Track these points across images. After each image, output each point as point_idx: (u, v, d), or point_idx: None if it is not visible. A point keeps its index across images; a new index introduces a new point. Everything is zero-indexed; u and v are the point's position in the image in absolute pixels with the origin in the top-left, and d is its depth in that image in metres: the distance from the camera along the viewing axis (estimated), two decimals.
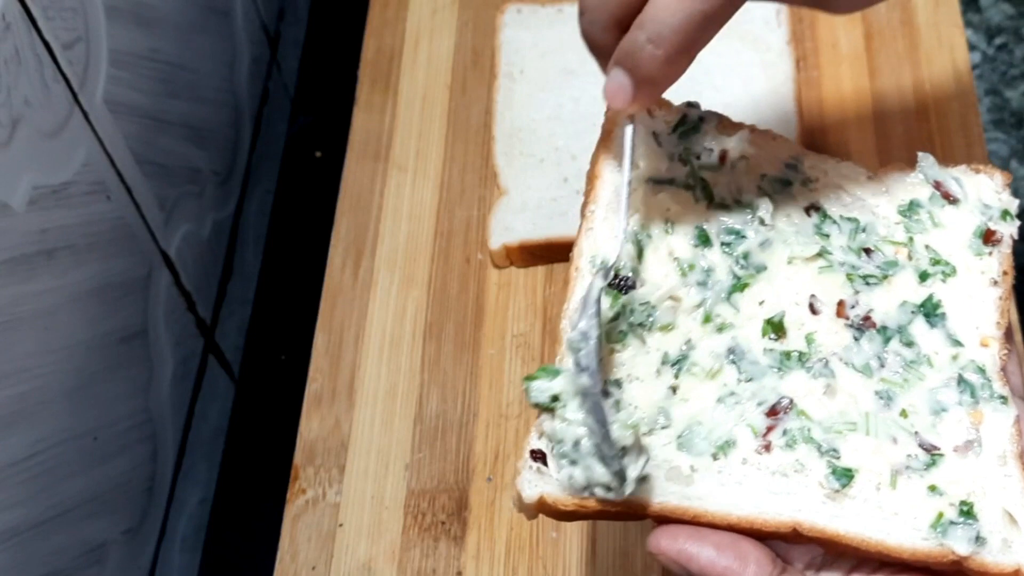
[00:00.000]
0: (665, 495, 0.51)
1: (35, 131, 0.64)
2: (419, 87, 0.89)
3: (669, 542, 0.50)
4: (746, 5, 0.85)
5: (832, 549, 0.51)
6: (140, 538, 0.78)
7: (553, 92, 0.84)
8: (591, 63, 0.85)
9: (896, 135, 0.81)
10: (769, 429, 0.53)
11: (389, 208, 0.84)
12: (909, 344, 0.55)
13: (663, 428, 0.53)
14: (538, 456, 0.52)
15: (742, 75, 0.83)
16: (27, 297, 0.64)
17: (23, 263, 0.64)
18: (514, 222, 0.79)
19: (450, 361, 0.77)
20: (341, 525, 0.72)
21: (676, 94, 0.82)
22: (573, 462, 0.51)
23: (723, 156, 0.59)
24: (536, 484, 0.51)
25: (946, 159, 0.79)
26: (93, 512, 0.72)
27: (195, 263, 0.86)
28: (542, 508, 0.52)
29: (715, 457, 0.52)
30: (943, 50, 0.84)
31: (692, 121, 0.59)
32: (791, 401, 0.53)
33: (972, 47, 1.00)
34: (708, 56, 0.84)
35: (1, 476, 0.62)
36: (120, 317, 0.75)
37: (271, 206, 0.96)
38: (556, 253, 0.77)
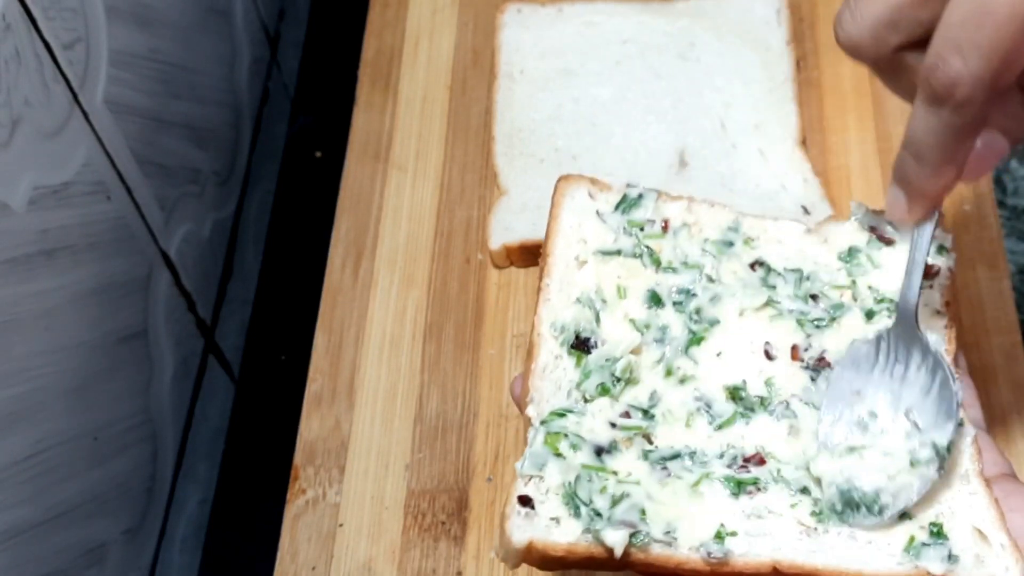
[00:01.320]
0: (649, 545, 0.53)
1: (35, 131, 0.64)
2: (419, 87, 0.89)
3: None
4: (746, 4, 0.85)
5: None
6: (140, 538, 0.78)
7: (553, 92, 0.84)
8: (591, 63, 0.86)
9: (896, 135, 0.81)
10: (741, 480, 0.55)
11: (389, 208, 0.84)
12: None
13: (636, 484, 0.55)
14: (527, 502, 0.53)
15: (742, 75, 0.83)
16: (27, 297, 0.64)
17: (23, 263, 0.64)
18: (514, 222, 0.79)
19: (450, 361, 0.77)
20: (341, 525, 0.72)
21: (676, 93, 0.82)
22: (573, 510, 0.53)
23: (665, 225, 0.62)
24: (525, 530, 0.52)
25: None
26: (93, 512, 0.72)
27: (195, 263, 0.86)
28: (528, 555, 0.53)
29: (691, 506, 0.54)
30: None
31: (632, 198, 0.62)
32: (762, 451, 0.56)
33: None
34: (708, 56, 0.84)
35: (1, 476, 0.62)
36: (120, 317, 0.75)
37: (271, 206, 0.96)
38: None
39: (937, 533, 0.52)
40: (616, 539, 0.51)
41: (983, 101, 0.47)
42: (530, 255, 0.78)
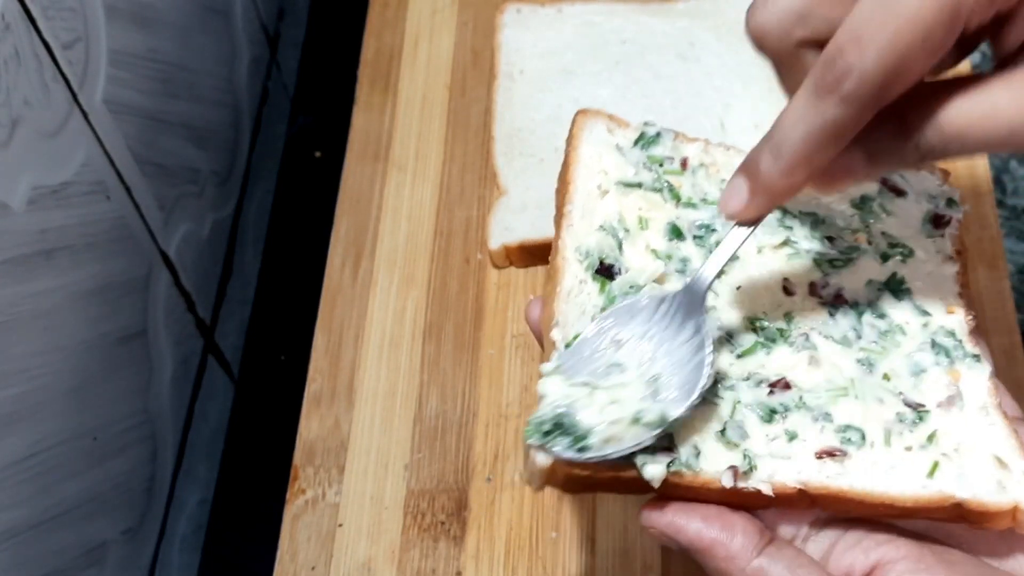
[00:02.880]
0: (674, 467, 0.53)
1: (35, 131, 0.64)
2: (419, 87, 0.89)
3: (658, 516, 0.52)
4: (745, 4, 0.85)
5: (835, 508, 0.53)
6: (140, 538, 0.78)
7: (553, 92, 0.84)
8: (591, 63, 0.86)
9: None
10: (772, 407, 0.55)
11: (389, 208, 0.84)
12: (881, 316, 0.58)
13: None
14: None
15: (742, 75, 0.83)
16: (26, 297, 0.64)
17: (22, 263, 0.64)
18: (514, 222, 0.79)
19: (450, 361, 0.77)
20: (341, 525, 0.72)
21: (676, 93, 0.82)
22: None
23: (684, 163, 0.63)
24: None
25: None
26: (93, 512, 0.72)
27: (195, 263, 0.86)
28: (552, 476, 0.52)
29: (723, 433, 0.54)
30: None
31: (650, 136, 0.64)
32: (786, 379, 0.56)
33: None
34: (707, 56, 0.84)
35: (1, 476, 0.62)
36: (120, 317, 0.75)
37: (271, 206, 0.96)
38: None
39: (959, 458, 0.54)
40: (655, 472, 0.51)
41: (867, 102, 0.47)
42: (530, 255, 0.78)
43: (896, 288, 0.59)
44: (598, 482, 0.53)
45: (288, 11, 1.08)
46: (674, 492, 0.53)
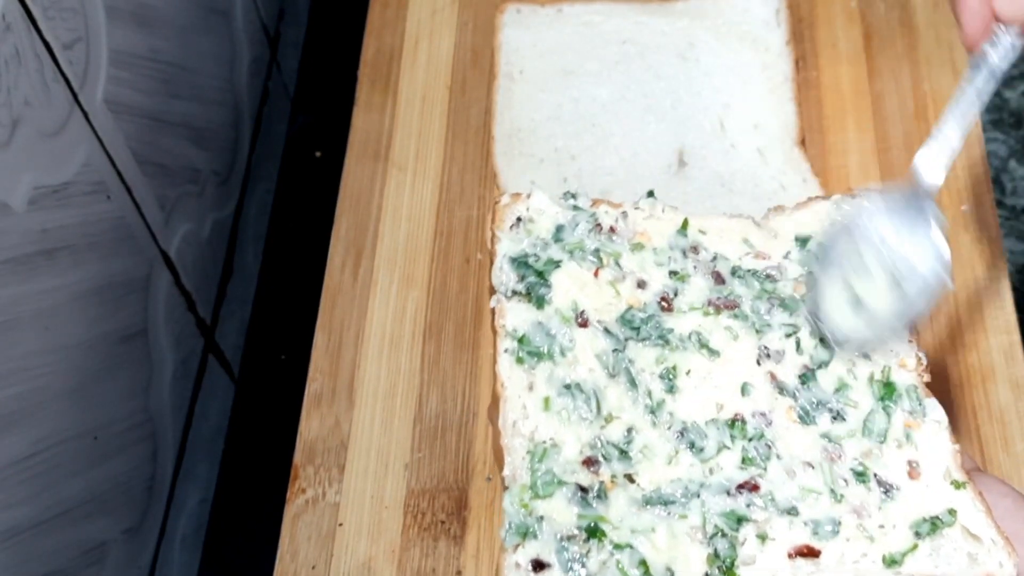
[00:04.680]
0: None
1: (35, 131, 0.64)
2: (419, 87, 0.89)
3: None
4: (745, 4, 0.86)
5: None
6: (140, 537, 0.78)
7: (553, 92, 0.85)
8: (590, 63, 0.86)
9: (895, 135, 0.81)
10: (740, 515, 0.55)
11: (389, 208, 0.84)
12: (838, 388, 0.58)
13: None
14: (541, 566, 0.53)
15: (741, 75, 0.83)
16: (27, 297, 0.64)
17: (23, 263, 0.64)
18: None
19: (450, 361, 0.77)
20: (341, 524, 0.72)
21: (676, 93, 0.83)
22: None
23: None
24: None
25: None
26: (93, 511, 0.72)
27: (195, 263, 0.86)
28: None
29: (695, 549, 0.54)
30: (942, 50, 0.84)
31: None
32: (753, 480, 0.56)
33: None
34: (707, 56, 0.84)
35: (1, 475, 0.63)
36: (120, 317, 0.75)
37: (271, 206, 0.96)
38: None
39: (930, 535, 0.53)
40: None
41: None
42: None
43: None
44: None
45: (288, 11, 1.08)
46: None
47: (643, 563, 0.52)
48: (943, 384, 0.71)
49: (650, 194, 0.63)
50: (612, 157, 0.81)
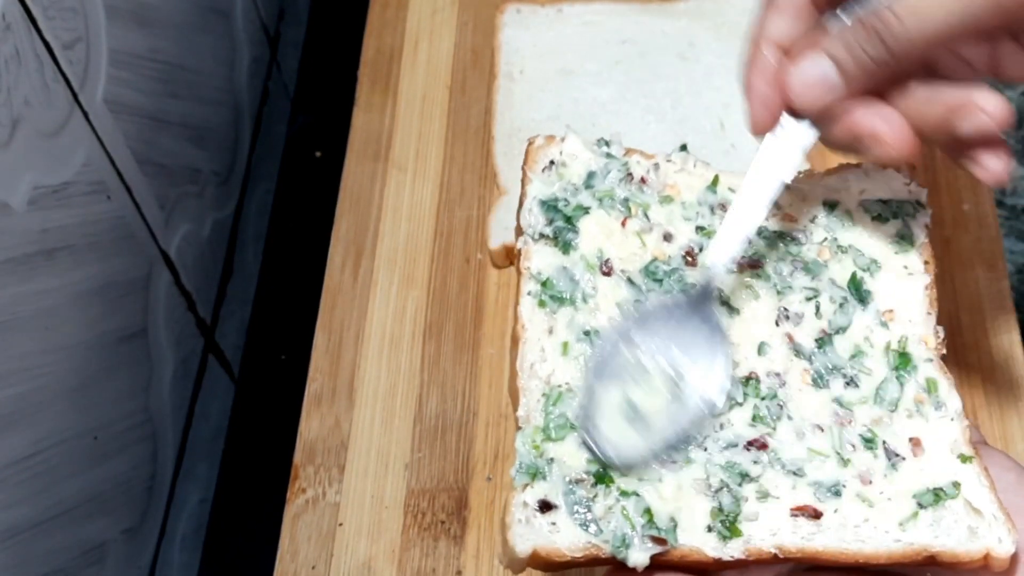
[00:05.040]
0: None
1: (35, 131, 0.64)
2: (419, 87, 0.89)
3: None
4: (745, 4, 0.85)
5: (808, 562, 0.54)
6: (140, 537, 0.79)
7: (552, 92, 0.85)
8: (590, 63, 0.86)
9: None
10: (745, 472, 0.55)
11: (389, 208, 0.84)
12: (846, 334, 0.58)
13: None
14: (547, 507, 0.53)
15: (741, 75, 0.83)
16: (27, 297, 0.64)
17: (23, 263, 0.64)
18: (514, 222, 0.79)
19: (450, 361, 0.77)
20: (341, 524, 0.72)
21: (676, 93, 0.83)
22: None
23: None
24: (528, 538, 0.52)
25: (944, 159, 0.79)
26: (93, 511, 0.72)
27: (195, 263, 0.86)
28: (533, 562, 0.53)
29: (698, 502, 0.54)
30: None
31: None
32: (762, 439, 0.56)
33: None
34: (707, 56, 0.84)
35: (1, 475, 0.63)
36: (120, 317, 0.75)
37: (271, 206, 0.96)
38: None
39: (932, 506, 0.54)
40: (639, 559, 0.52)
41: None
42: None
43: (863, 298, 0.59)
44: (579, 564, 0.53)
45: (288, 11, 1.08)
46: (660, 560, 0.53)
47: (648, 511, 0.53)
48: None
49: (683, 148, 0.63)
50: None
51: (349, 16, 0.98)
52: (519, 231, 0.61)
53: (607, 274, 0.59)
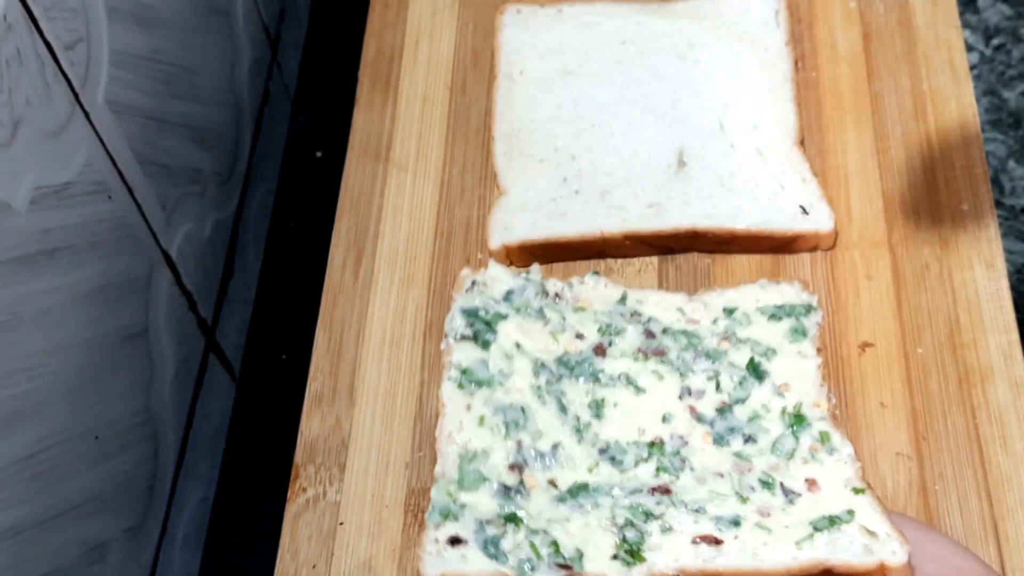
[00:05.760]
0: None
1: (37, 131, 0.64)
2: (419, 88, 0.89)
3: None
4: (745, 5, 0.86)
5: None
6: (141, 537, 0.79)
7: (553, 93, 0.85)
8: (590, 63, 0.86)
9: (894, 135, 0.81)
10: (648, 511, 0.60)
11: (389, 208, 0.84)
12: (745, 404, 0.64)
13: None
14: (457, 541, 0.59)
15: (741, 75, 0.83)
16: (29, 297, 0.65)
17: (25, 263, 0.64)
18: (514, 222, 0.79)
19: None
20: (342, 523, 0.72)
21: (675, 93, 0.83)
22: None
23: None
24: (438, 566, 0.58)
25: (944, 159, 0.79)
26: (94, 511, 0.73)
27: (196, 263, 0.87)
28: None
29: (604, 536, 0.59)
30: (941, 51, 0.84)
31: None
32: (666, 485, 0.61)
33: (970, 48, 1.01)
34: (707, 57, 0.85)
35: (2, 475, 0.63)
36: (121, 316, 0.75)
37: (272, 206, 0.96)
38: (556, 253, 0.78)
39: (828, 528, 0.58)
40: None
41: None
42: (530, 255, 0.79)
43: (760, 376, 0.65)
44: None
45: (289, 12, 1.08)
46: None
47: (554, 543, 0.57)
48: (943, 383, 0.71)
49: (595, 273, 0.71)
50: (612, 157, 0.81)
51: (350, 17, 0.98)
52: (444, 336, 0.68)
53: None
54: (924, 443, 0.69)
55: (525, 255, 0.79)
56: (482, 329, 0.67)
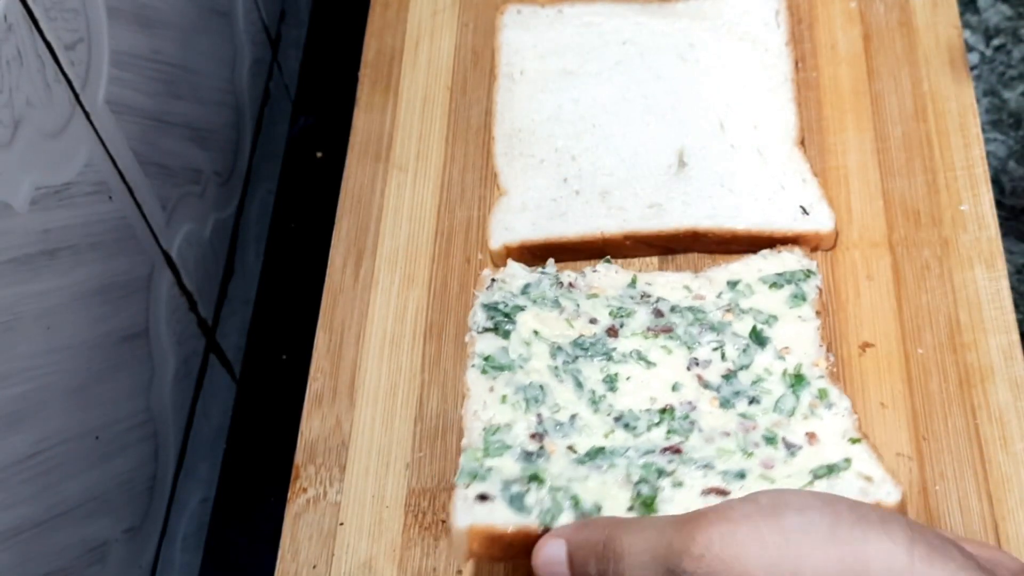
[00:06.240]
0: None
1: (37, 132, 0.64)
2: (419, 88, 0.89)
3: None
4: (745, 5, 0.86)
5: None
6: (141, 537, 0.79)
7: (553, 93, 0.85)
8: (591, 64, 0.86)
9: (894, 136, 0.81)
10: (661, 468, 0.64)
11: (390, 208, 0.84)
12: (750, 370, 0.68)
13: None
14: (484, 497, 0.62)
15: (741, 76, 0.83)
16: (29, 297, 0.65)
17: (25, 263, 0.64)
18: (514, 222, 0.79)
19: (450, 361, 0.77)
20: (342, 524, 0.72)
21: (676, 93, 0.83)
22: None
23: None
24: (467, 518, 0.61)
25: (944, 160, 0.79)
26: (95, 511, 0.73)
27: (196, 263, 0.87)
28: (474, 538, 0.61)
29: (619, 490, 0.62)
30: (941, 51, 0.84)
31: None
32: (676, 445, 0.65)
33: (970, 48, 1.01)
34: (707, 57, 0.85)
35: (3, 475, 0.63)
36: (122, 317, 0.75)
37: (272, 206, 0.96)
38: (556, 253, 0.78)
39: (828, 475, 0.62)
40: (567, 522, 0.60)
41: None
42: (530, 255, 0.79)
43: (762, 342, 0.69)
44: (513, 544, 0.60)
45: (289, 12, 1.08)
46: None
47: (575, 498, 0.61)
48: (943, 384, 0.71)
49: (607, 260, 0.75)
50: (612, 157, 0.81)
51: (350, 17, 0.98)
52: (468, 330, 0.72)
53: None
54: (924, 443, 0.69)
55: (526, 255, 0.79)
56: (502, 321, 0.71)
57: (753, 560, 0.48)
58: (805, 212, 0.76)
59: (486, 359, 0.70)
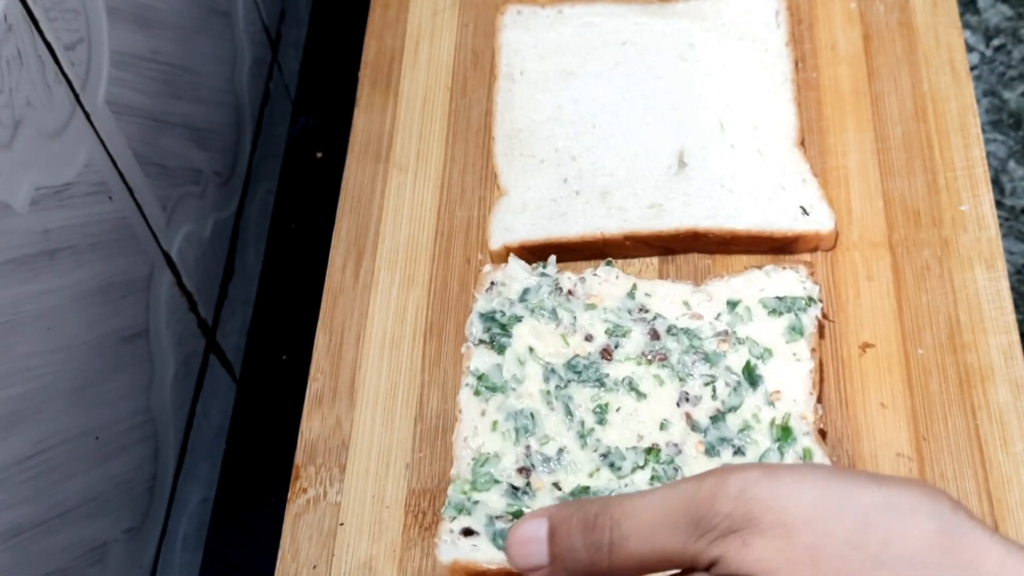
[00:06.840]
0: None
1: (37, 132, 0.64)
2: (420, 88, 0.89)
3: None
4: (745, 6, 0.86)
5: None
6: (141, 537, 0.79)
7: (553, 93, 0.85)
8: (591, 64, 0.86)
9: (894, 136, 0.81)
10: None
11: (390, 209, 0.84)
12: (743, 429, 0.68)
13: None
14: (470, 532, 0.66)
15: (741, 76, 0.83)
16: (29, 297, 0.65)
17: (25, 263, 0.64)
18: (514, 222, 0.79)
19: (450, 361, 0.77)
20: (342, 524, 0.72)
21: (676, 94, 0.83)
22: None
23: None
24: (452, 552, 0.65)
25: (944, 160, 0.80)
26: (94, 511, 0.73)
27: (196, 263, 0.87)
28: (456, 571, 0.65)
29: None
30: (941, 51, 0.84)
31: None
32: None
33: (970, 48, 1.01)
34: (707, 57, 0.85)
35: (3, 476, 0.63)
36: (122, 317, 0.75)
37: (272, 207, 0.96)
38: (556, 253, 0.78)
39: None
40: None
41: None
42: (530, 255, 0.79)
43: (754, 382, 0.69)
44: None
45: (289, 12, 1.08)
46: None
47: None
48: (943, 384, 0.71)
49: (609, 263, 0.75)
50: (612, 158, 0.81)
51: (350, 17, 0.98)
52: (464, 339, 0.73)
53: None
54: (924, 444, 0.69)
55: (526, 255, 0.79)
56: (498, 333, 0.72)
57: (794, 497, 0.44)
58: (805, 212, 0.76)
59: (480, 378, 0.71)
